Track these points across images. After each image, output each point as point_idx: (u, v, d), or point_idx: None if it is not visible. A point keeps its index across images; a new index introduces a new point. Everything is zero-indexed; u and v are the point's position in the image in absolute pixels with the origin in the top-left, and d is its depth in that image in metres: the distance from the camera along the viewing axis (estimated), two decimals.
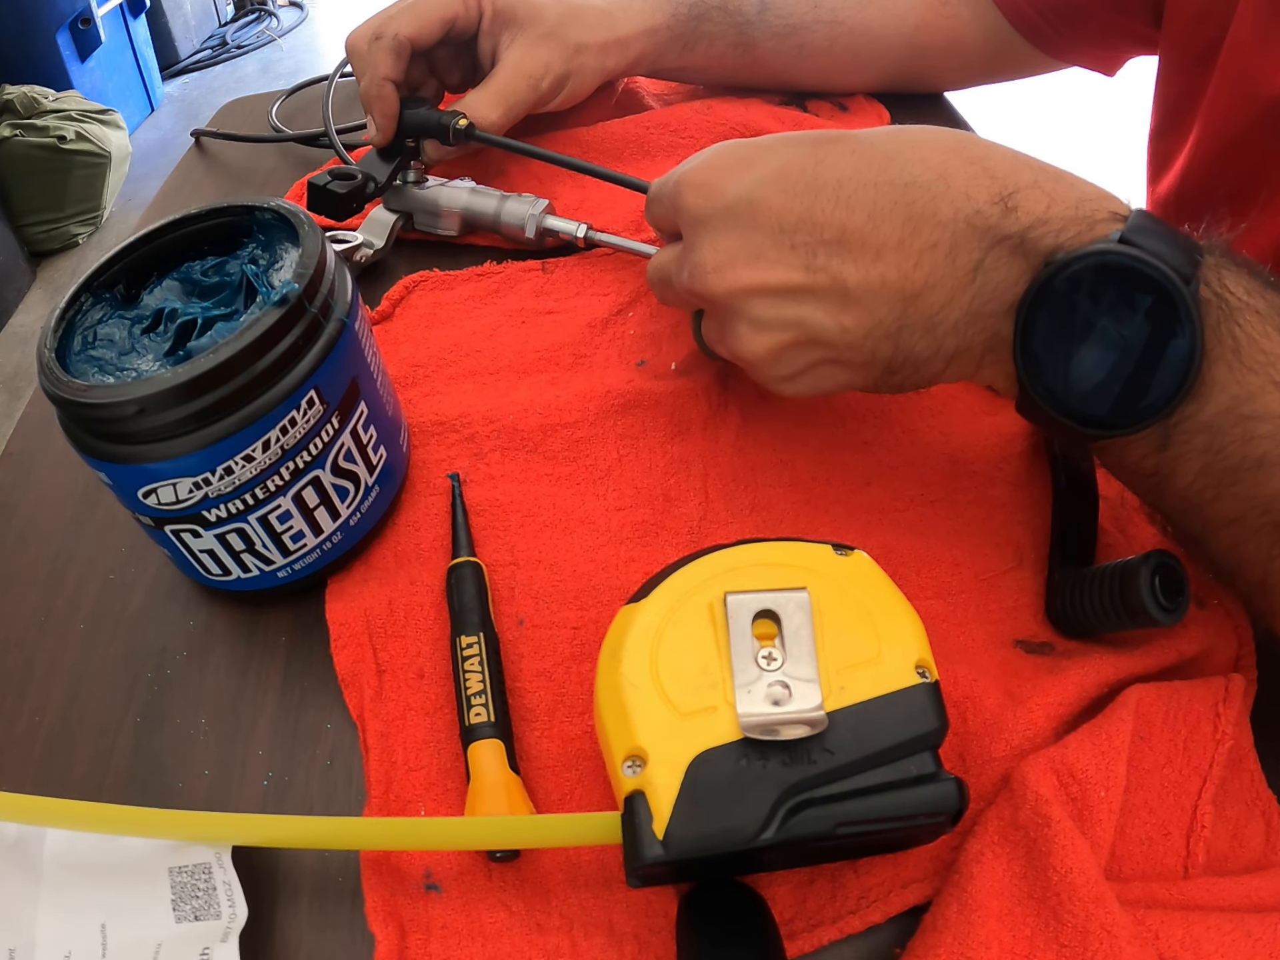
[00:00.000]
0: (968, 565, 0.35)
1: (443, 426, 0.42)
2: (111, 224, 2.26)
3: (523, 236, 0.52)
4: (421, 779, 0.31)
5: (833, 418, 0.41)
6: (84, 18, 2.30)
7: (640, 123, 0.60)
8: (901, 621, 0.27)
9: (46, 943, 0.27)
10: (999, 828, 0.27)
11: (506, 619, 0.35)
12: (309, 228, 0.33)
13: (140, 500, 0.31)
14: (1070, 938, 0.24)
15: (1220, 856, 0.28)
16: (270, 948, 0.28)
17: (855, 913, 0.28)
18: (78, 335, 0.33)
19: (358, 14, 2.68)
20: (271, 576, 0.35)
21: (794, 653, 0.26)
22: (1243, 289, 0.27)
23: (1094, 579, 0.31)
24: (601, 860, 0.29)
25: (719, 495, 0.39)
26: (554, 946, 0.28)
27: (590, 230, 0.51)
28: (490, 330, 0.48)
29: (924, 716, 0.25)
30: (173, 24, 2.90)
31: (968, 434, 0.40)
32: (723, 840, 0.24)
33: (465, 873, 0.29)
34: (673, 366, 0.44)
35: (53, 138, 2.06)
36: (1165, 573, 0.29)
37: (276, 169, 0.65)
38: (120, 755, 0.34)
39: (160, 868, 0.28)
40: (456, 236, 0.54)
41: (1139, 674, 0.31)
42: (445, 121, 0.52)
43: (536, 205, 0.52)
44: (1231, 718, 0.29)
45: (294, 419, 0.31)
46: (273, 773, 0.33)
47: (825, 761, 0.24)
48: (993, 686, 0.31)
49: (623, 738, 0.25)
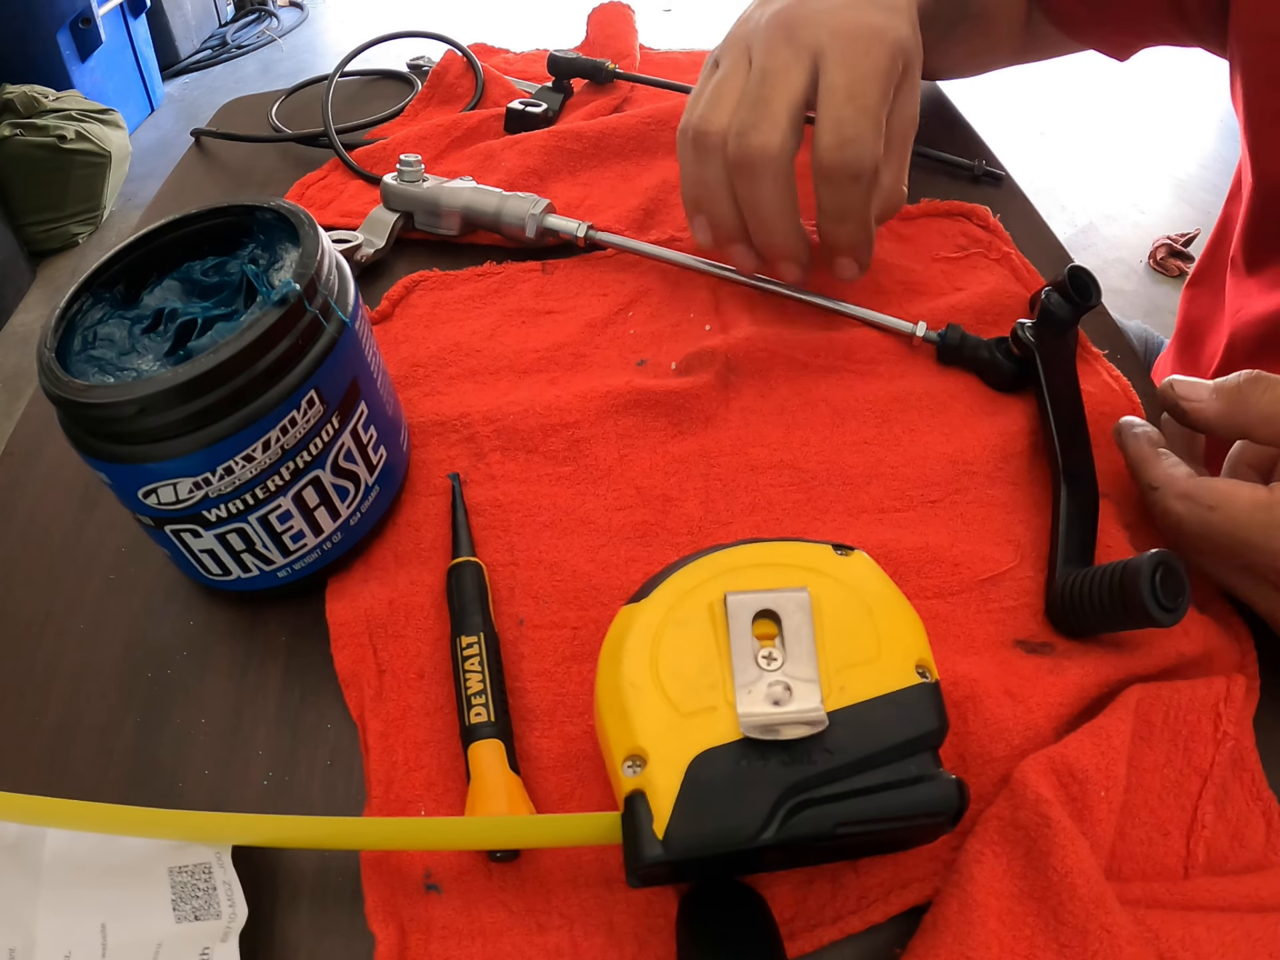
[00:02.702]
0: (968, 565, 0.35)
1: (443, 426, 0.42)
2: (111, 224, 2.26)
3: (523, 236, 0.52)
4: (421, 779, 0.31)
5: (833, 418, 0.41)
6: (84, 17, 2.29)
7: (641, 119, 0.60)
8: (902, 621, 0.27)
9: (46, 943, 0.27)
10: (999, 828, 0.27)
11: (506, 619, 0.35)
12: (309, 228, 0.33)
13: (140, 500, 0.31)
14: (1070, 938, 0.24)
15: (1220, 856, 0.28)
16: (270, 948, 0.28)
17: (855, 913, 0.28)
18: (78, 335, 0.33)
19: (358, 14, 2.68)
20: (271, 576, 0.35)
21: (794, 653, 0.26)
22: None
23: (1094, 579, 0.31)
24: (601, 860, 0.29)
25: (719, 495, 0.39)
26: (554, 946, 0.28)
27: (591, 230, 0.51)
28: (490, 330, 0.48)
29: (924, 716, 0.25)
30: (173, 24, 2.90)
31: (968, 434, 0.40)
32: (723, 840, 0.24)
33: (465, 873, 0.29)
34: (672, 366, 0.44)
35: (53, 137, 2.06)
36: (1166, 572, 0.29)
37: (276, 169, 0.65)
38: (120, 755, 0.34)
39: (160, 868, 0.28)
40: (457, 236, 0.54)
41: (1139, 674, 0.31)
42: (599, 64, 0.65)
43: (537, 205, 0.52)
44: (1232, 718, 0.29)
45: (294, 419, 0.31)
46: (273, 773, 0.33)
47: (825, 761, 0.24)
48: (993, 686, 0.31)
49: (623, 738, 0.25)
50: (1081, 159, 2.27)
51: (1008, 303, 0.45)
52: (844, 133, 0.39)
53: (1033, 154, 2.28)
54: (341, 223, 0.56)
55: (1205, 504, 0.32)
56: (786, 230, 0.42)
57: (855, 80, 0.39)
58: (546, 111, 0.63)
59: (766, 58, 0.40)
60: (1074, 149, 2.31)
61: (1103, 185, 2.18)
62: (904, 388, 0.42)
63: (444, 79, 0.69)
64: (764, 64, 0.40)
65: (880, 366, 0.44)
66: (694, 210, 0.45)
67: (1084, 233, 2.04)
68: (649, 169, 0.58)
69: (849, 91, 0.39)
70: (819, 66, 0.40)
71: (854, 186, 0.40)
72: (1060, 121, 2.39)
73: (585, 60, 0.66)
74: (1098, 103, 2.35)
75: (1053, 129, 2.37)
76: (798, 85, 0.40)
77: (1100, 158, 2.28)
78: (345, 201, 0.59)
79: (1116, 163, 2.24)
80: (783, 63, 0.40)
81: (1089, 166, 2.24)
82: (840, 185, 0.40)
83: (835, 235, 0.42)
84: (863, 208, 0.41)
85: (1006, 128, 2.30)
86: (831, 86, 0.39)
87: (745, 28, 0.43)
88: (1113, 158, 2.26)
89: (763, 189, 0.41)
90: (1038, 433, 0.40)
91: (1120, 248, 1.98)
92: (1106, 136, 2.33)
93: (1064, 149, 2.31)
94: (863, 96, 0.39)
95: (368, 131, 0.66)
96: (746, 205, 0.42)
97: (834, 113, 0.39)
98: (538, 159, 0.58)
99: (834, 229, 0.42)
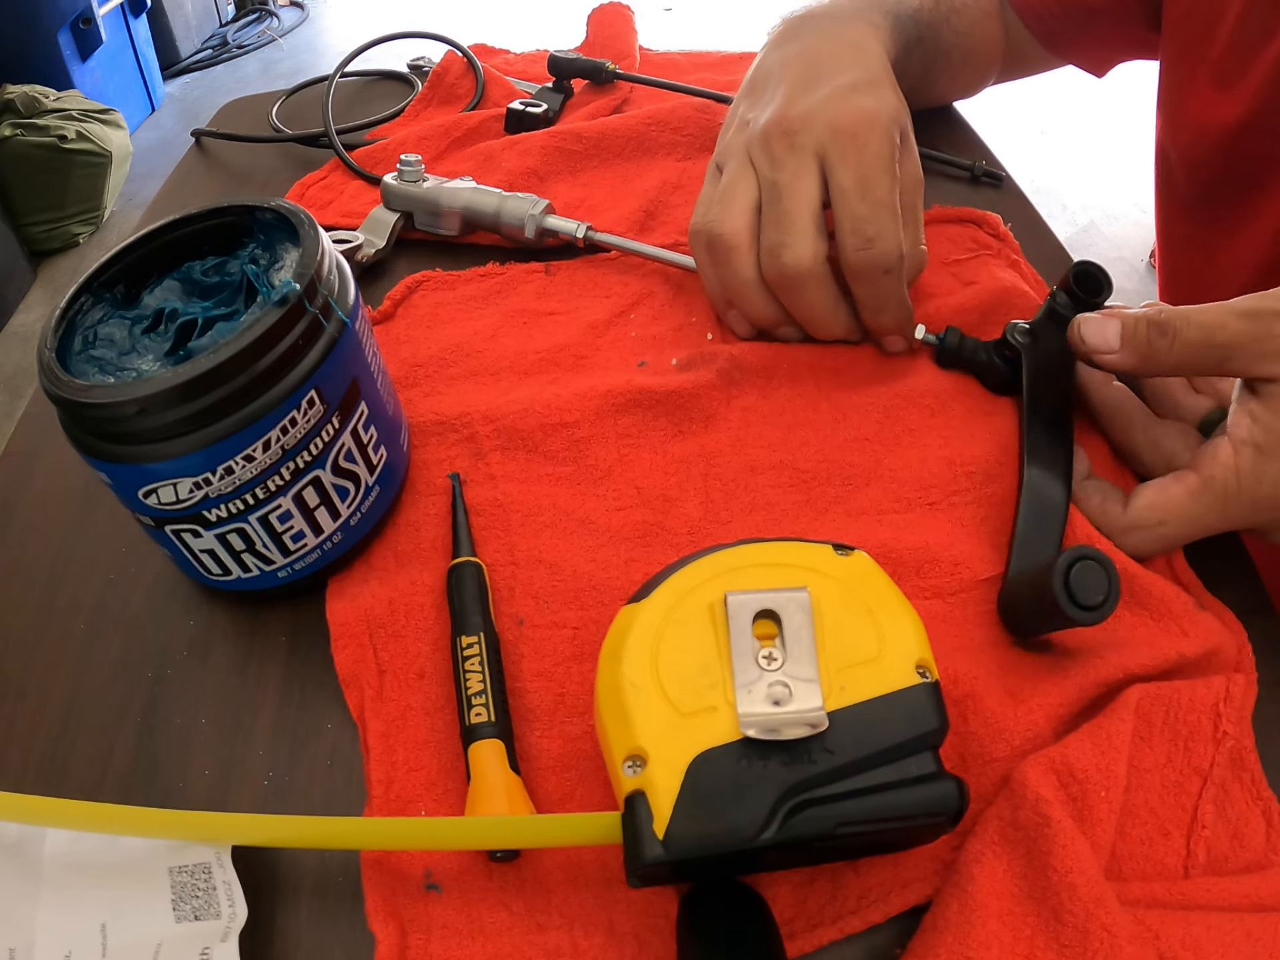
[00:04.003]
0: (967, 565, 0.35)
1: (443, 426, 0.43)
2: (112, 224, 2.26)
3: (522, 236, 0.52)
4: (422, 779, 0.31)
5: (833, 417, 0.41)
6: (85, 17, 2.29)
7: (641, 120, 0.60)
8: (902, 621, 0.27)
9: (46, 943, 0.27)
10: (999, 828, 0.27)
11: (506, 619, 0.36)
12: (309, 228, 0.33)
13: (140, 500, 0.31)
14: (1070, 938, 0.24)
15: (1220, 856, 0.28)
16: (270, 948, 0.29)
17: (855, 913, 0.28)
18: (78, 335, 0.33)
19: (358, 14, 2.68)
20: (272, 576, 0.35)
21: (794, 653, 0.26)
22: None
23: (1025, 578, 0.31)
24: (601, 860, 0.29)
25: (719, 495, 0.39)
26: (554, 946, 0.28)
27: (590, 230, 0.51)
28: (491, 331, 0.48)
29: (924, 716, 0.25)
30: (174, 24, 2.90)
31: (967, 436, 0.40)
32: (723, 840, 0.24)
33: (465, 873, 0.29)
34: (673, 362, 0.44)
35: (53, 137, 2.06)
36: (1084, 571, 0.28)
37: (276, 169, 0.65)
38: (120, 755, 0.34)
39: (160, 868, 0.28)
40: (457, 236, 0.54)
41: (1139, 674, 0.31)
42: (599, 65, 0.66)
43: (536, 205, 0.52)
44: (1232, 717, 0.29)
45: (294, 419, 0.31)
46: (273, 773, 0.33)
47: (825, 761, 0.24)
48: (993, 686, 0.31)
49: (623, 738, 0.25)
50: (1081, 158, 2.27)
51: (1016, 302, 0.45)
52: (866, 233, 0.39)
53: (1033, 154, 2.28)
54: (342, 223, 0.56)
55: (1155, 523, 0.33)
56: (840, 324, 0.43)
57: (863, 177, 0.39)
58: (547, 112, 0.64)
59: (774, 170, 0.41)
60: (1074, 148, 2.31)
61: (1103, 184, 2.17)
62: (904, 389, 0.42)
63: (444, 79, 0.69)
64: (774, 177, 0.41)
65: (881, 368, 0.44)
66: (725, 307, 0.45)
67: (1085, 232, 2.03)
68: (649, 170, 0.58)
69: (861, 190, 0.39)
70: (825, 167, 0.40)
71: (886, 279, 0.40)
72: (1060, 121, 2.38)
73: (586, 61, 0.66)
74: (1098, 102, 2.35)
75: (1053, 128, 2.37)
76: (812, 193, 0.40)
77: (1100, 157, 2.27)
78: (345, 202, 0.59)
79: (1117, 161, 2.24)
80: (792, 173, 0.41)
81: (1089, 166, 2.24)
82: (874, 280, 0.40)
83: (879, 323, 0.42)
84: (898, 292, 0.41)
85: (1006, 128, 2.30)
86: (843, 188, 0.40)
87: (742, 135, 0.44)
88: (1113, 157, 2.26)
89: (808, 298, 0.41)
90: None
91: (1121, 247, 1.98)
92: (1106, 136, 2.33)
93: (1064, 148, 2.31)
94: (875, 190, 0.39)
95: (368, 132, 0.66)
96: (795, 312, 0.43)
97: (851, 213, 0.40)
98: (537, 160, 0.59)
99: (876, 318, 0.42)
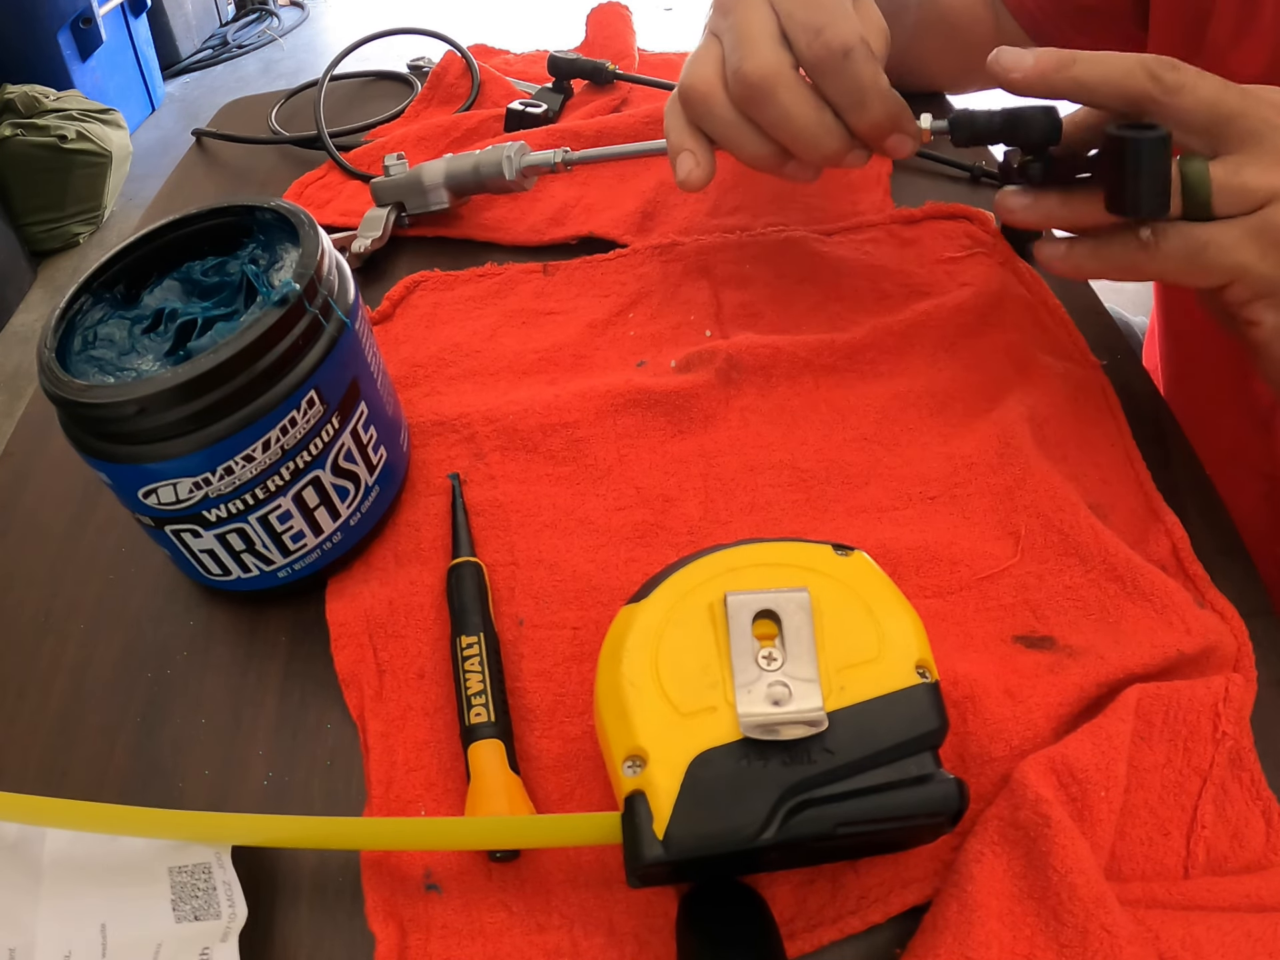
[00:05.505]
0: (966, 563, 0.35)
1: (443, 426, 0.43)
2: (112, 223, 2.26)
3: (506, 183, 0.51)
4: (421, 779, 0.31)
5: (833, 416, 0.41)
6: (85, 17, 2.29)
7: (639, 119, 0.60)
8: (901, 621, 0.27)
9: (46, 943, 0.27)
10: (999, 828, 0.27)
11: (506, 619, 0.36)
12: (309, 228, 0.33)
13: (140, 500, 0.31)
14: (1070, 938, 0.24)
15: (1220, 856, 0.28)
16: (270, 948, 0.29)
17: (855, 913, 0.28)
18: (78, 335, 0.33)
19: (359, 14, 2.67)
20: (272, 576, 0.35)
21: (794, 653, 0.26)
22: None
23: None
24: (601, 860, 0.29)
25: (718, 495, 0.39)
26: (554, 946, 0.28)
27: (568, 152, 0.50)
28: (491, 331, 0.48)
29: (924, 716, 0.25)
30: (174, 23, 2.90)
31: (966, 432, 0.40)
32: (723, 840, 0.24)
33: (465, 873, 0.29)
34: (672, 364, 0.44)
35: (54, 137, 2.06)
36: None
37: (276, 169, 0.65)
38: (120, 755, 0.34)
39: (160, 868, 0.28)
40: (449, 207, 0.54)
41: (1139, 674, 0.31)
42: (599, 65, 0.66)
43: (511, 147, 0.51)
44: (1231, 717, 0.29)
45: (294, 419, 0.31)
46: (273, 773, 0.33)
47: (825, 761, 0.24)
48: (993, 686, 0.31)
49: (623, 738, 0.25)
50: None
51: (1010, 305, 0.45)
52: (813, 23, 0.38)
53: None
54: (340, 222, 0.57)
55: None
56: (828, 133, 0.40)
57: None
58: (547, 112, 0.64)
59: (726, 17, 0.41)
60: None
61: None
62: (903, 388, 0.42)
63: (444, 80, 0.69)
64: (727, 22, 0.41)
65: (880, 366, 0.44)
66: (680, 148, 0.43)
67: None
68: (647, 170, 0.58)
69: (804, 2, 0.38)
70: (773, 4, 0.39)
71: (849, 62, 0.38)
72: None
73: (586, 61, 0.66)
74: None
75: None
76: (764, 15, 0.39)
77: None
78: (344, 201, 0.59)
79: None
80: (741, 11, 0.40)
81: None
82: (836, 69, 0.38)
83: (867, 120, 0.39)
84: (873, 77, 0.38)
85: None
86: (789, 10, 0.39)
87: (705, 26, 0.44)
88: None
89: (783, 107, 0.39)
90: (1040, 424, 0.39)
91: None
92: None
93: None
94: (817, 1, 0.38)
95: (368, 133, 0.66)
96: (778, 129, 0.40)
97: (797, 21, 0.38)
98: None
99: (861, 115, 0.39)
